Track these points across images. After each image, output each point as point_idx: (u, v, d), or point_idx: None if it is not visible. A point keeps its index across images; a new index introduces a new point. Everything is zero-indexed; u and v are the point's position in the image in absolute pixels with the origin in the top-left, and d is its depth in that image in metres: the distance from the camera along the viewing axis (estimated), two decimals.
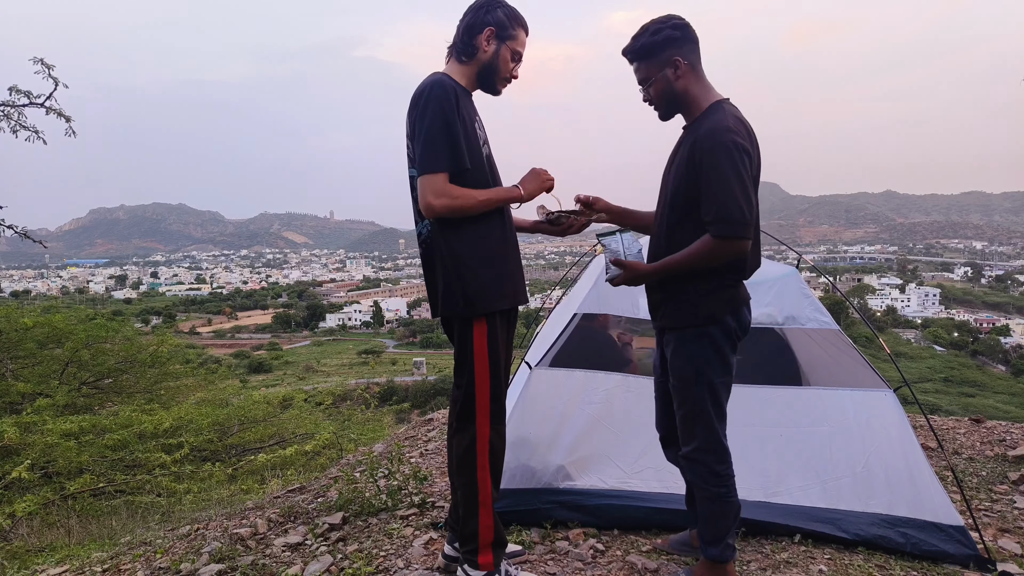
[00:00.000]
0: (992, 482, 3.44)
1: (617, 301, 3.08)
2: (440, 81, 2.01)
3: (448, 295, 2.06)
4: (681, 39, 1.99)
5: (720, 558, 2.10)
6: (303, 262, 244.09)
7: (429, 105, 1.96)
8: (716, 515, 2.09)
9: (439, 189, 1.94)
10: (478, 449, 2.07)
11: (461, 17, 2.12)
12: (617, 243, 2.13)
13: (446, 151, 1.95)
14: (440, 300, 2.08)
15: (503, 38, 2.08)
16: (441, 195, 1.94)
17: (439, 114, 1.95)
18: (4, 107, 5.01)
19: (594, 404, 2.85)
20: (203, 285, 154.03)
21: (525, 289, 2.20)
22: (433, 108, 1.96)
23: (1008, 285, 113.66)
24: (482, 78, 2.13)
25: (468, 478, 2.09)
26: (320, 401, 9.66)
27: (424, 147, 1.95)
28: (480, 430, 2.07)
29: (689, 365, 2.05)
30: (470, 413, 2.08)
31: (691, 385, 2.06)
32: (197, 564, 2.55)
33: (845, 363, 2.95)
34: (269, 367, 49.73)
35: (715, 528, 2.10)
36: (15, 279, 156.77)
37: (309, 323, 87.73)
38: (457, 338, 2.11)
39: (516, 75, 2.17)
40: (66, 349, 6.94)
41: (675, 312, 2.07)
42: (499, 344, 2.08)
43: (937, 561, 2.46)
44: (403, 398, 30.56)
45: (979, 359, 51.46)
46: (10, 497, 4.25)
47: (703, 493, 2.10)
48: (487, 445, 2.08)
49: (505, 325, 2.13)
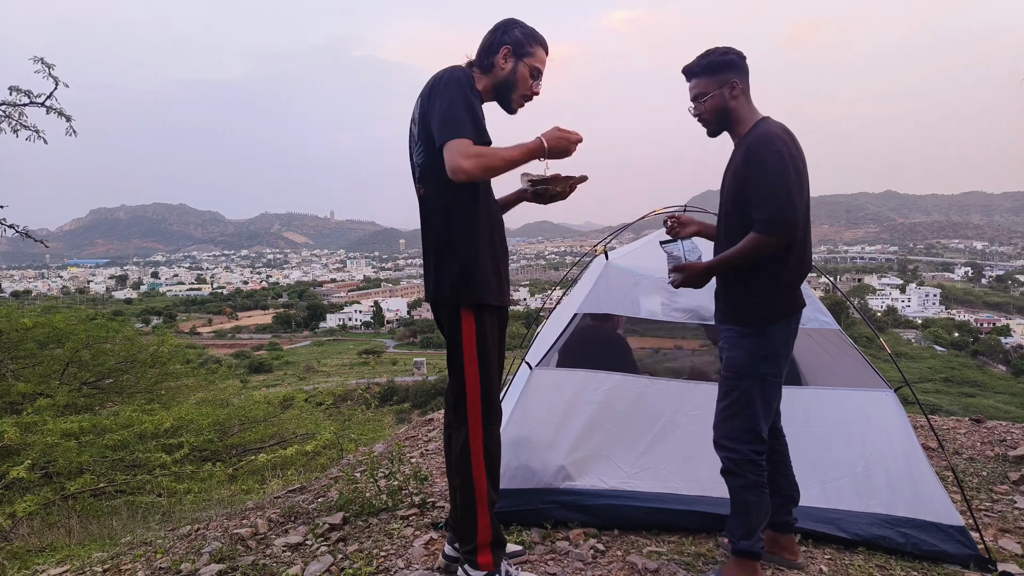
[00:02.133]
0: (992, 482, 3.44)
1: (618, 301, 3.08)
2: (463, 69, 2.05)
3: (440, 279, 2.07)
4: (739, 66, 2.21)
5: (752, 551, 2.13)
6: (303, 262, 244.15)
7: (450, 84, 1.98)
8: (751, 506, 2.13)
9: (467, 151, 1.91)
10: (472, 448, 2.07)
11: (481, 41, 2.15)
12: (678, 249, 2.26)
13: (469, 121, 1.95)
14: (433, 284, 2.10)
15: (520, 55, 2.10)
16: (470, 156, 1.91)
17: (460, 91, 1.97)
18: (4, 107, 5.01)
19: (594, 404, 2.85)
20: (204, 285, 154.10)
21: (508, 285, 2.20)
22: (454, 87, 1.97)
23: (1008, 285, 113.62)
24: (498, 92, 2.14)
25: (464, 478, 2.09)
26: (320, 401, 9.64)
27: (445, 117, 1.94)
28: (472, 429, 2.07)
29: (746, 357, 2.16)
30: (463, 412, 2.08)
31: (743, 377, 2.15)
32: (197, 564, 2.55)
33: (845, 363, 2.95)
34: (269, 367, 49.76)
35: (749, 520, 2.13)
36: (15, 279, 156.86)
37: (309, 323, 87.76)
38: (447, 332, 2.11)
39: (537, 91, 2.17)
40: (66, 349, 6.94)
41: (738, 310, 2.19)
42: (488, 340, 2.07)
43: (937, 561, 2.46)
44: (403, 398, 30.57)
45: (979, 359, 51.44)
46: (10, 497, 4.26)
47: (740, 482, 2.14)
48: (480, 444, 2.08)
49: (495, 323, 2.12)
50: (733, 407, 2.17)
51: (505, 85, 2.12)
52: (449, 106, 1.94)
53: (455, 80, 1.99)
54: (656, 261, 3.17)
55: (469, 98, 1.97)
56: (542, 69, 2.15)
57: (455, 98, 1.95)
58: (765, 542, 2.27)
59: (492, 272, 2.08)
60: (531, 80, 2.14)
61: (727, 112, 2.21)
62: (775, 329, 2.15)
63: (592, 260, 3.50)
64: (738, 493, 2.15)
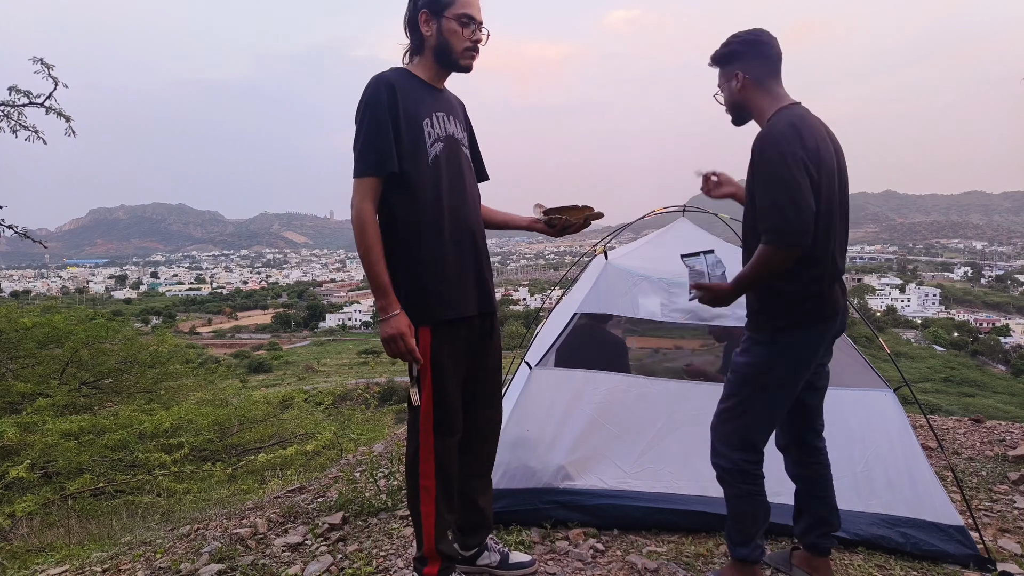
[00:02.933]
0: (992, 482, 3.44)
1: (618, 301, 3.08)
2: (374, 79, 1.93)
3: None
4: (746, 54, 2.05)
5: (750, 558, 2.11)
6: (303, 262, 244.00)
7: (359, 107, 1.92)
8: (745, 515, 2.10)
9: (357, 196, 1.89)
10: (421, 457, 1.99)
11: None
12: (701, 263, 2.11)
13: (369, 154, 1.88)
14: None
15: (438, 12, 1.93)
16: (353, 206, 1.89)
17: (363, 117, 1.89)
18: (4, 107, 5.01)
19: (594, 404, 2.85)
20: (203, 285, 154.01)
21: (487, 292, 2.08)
22: (360, 109, 1.90)
23: (1008, 285, 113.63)
24: (440, 60, 2.00)
25: (411, 487, 2.02)
26: (320, 401, 9.63)
27: (355, 148, 1.90)
28: (424, 440, 1.98)
29: (751, 364, 2.06)
30: (414, 421, 2.00)
31: (745, 384, 2.07)
32: (197, 564, 2.55)
33: (845, 363, 2.95)
34: (269, 367, 49.71)
35: (744, 528, 2.11)
36: (15, 279, 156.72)
37: (309, 323, 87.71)
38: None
39: (478, 39, 1.99)
40: (66, 349, 6.94)
41: (752, 315, 2.10)
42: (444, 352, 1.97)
43: (937, 561, 2.46)
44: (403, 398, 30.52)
45: (979, 359, 51.45)
46: (10, 497, 4.25)
47: (733, 491, 2.10)
48: (431, 454, 1.99)
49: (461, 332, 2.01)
50: (730, 412, 2.11)
51: (440, 50, 1.97)
52: (356, 136, 1.90)
53: (362, 100, 1.90)
54: (655, 261, 3.18)
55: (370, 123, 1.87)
56: (471, 14, 1.94)
57: (360, 126, 1.89)
58: (799, 560, 2.27)
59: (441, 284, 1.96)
60: (464, 29, 1.94)
61: (736, 104, 2.11)
62: (789, 339, 2.01)
63: (592, 260, 3.50)
64: (731, 502, 2.12)
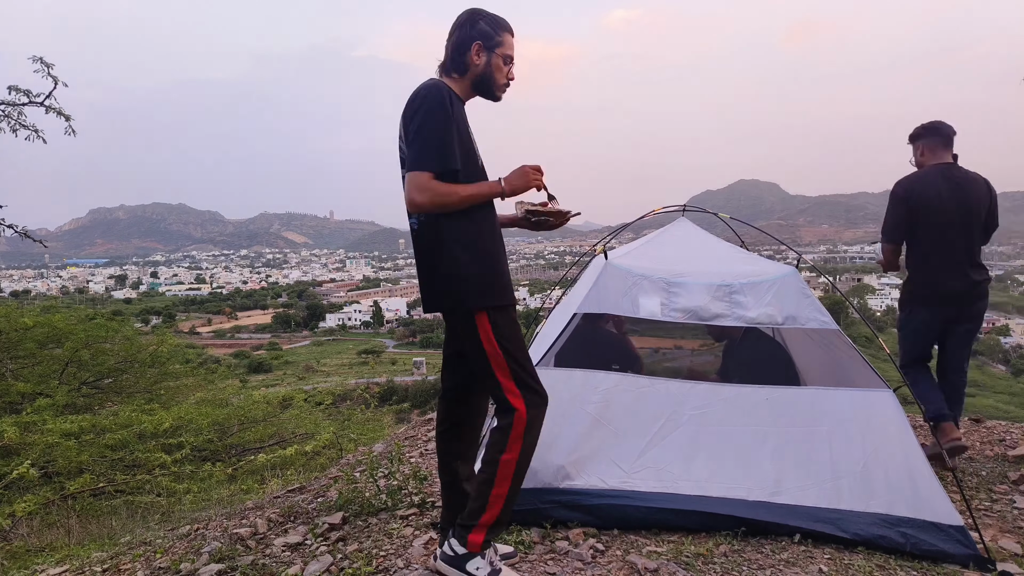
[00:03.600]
0: (992, 482, 3.44)
1: (618, 301, 3.08)
2: (436, 84, 2.06)
3: (440, 291, 2.08)
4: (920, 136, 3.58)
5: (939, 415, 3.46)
6: (303, 262, 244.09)
7: (423, 105, 2.00)
8: None
9: (422, 185, 1.97)
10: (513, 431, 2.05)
11: (447, 37, 2.16)
12: None
13: (436, 150, 1.98)
14: (432, 296, 2.11)
15: (491, 48, 2.12)
16: (424, 191, 1.97)
17: (432, 114, 1.99)
18: (4, 106, 5.01)
19: (594, 403, 2.84)
20: (203, 285, 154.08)
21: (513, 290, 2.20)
22: (427, 108, 2.00)
23: (1008, 285, 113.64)
24: (479, 88, 2.17)
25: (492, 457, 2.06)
26: (320, 401, 9.63)
27: (416, 145, 1.99)
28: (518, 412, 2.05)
29: None
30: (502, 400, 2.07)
31: None
32: (197, 564, 2.55)
33: (845, 363, 2.95)
34: (269, 367, 49.73)
35: None
36: (15, 279, 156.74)
37: (309, 323, 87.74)
38: (461, 335, 2.13)
39: (512, 77, 2.20)
40: (66, 349, 6.94)
41: None
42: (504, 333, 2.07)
43: (937, 561, 2.46)
44: (403, 398, 30.50)
45: (979, 359, 51.43)
46: (10, 497, 4.25)
47: None
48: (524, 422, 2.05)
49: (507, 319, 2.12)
50: None
51: (483, 80, 2.15)
52: (418, 133, 1.99)
53: (430, 100, 2.01)
54: (655, 261, 3.18)
55: (441, 122, 1.99)
56: (512, 55, 2.18)
57: (426, 122, 1.99)
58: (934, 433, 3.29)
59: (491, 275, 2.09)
60: (505, 67, 2.16)
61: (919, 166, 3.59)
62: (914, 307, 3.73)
63: (591, 260, 3.50)
64: None
